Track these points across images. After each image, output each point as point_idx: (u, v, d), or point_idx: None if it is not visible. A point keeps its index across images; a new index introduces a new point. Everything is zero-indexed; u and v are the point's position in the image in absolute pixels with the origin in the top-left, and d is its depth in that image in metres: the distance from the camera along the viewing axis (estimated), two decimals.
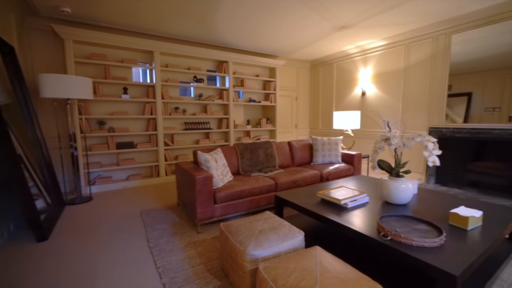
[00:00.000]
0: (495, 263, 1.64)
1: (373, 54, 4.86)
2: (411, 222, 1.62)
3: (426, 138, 1.81)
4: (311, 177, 3.10)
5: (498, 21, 3.27)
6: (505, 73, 3.27)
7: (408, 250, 1.31)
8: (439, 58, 3.90)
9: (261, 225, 1.70)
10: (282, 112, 6.01)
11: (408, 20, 3.73)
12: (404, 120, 4.43)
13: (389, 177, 2.01)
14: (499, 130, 3.31)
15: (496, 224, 1.60)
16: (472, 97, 3.60)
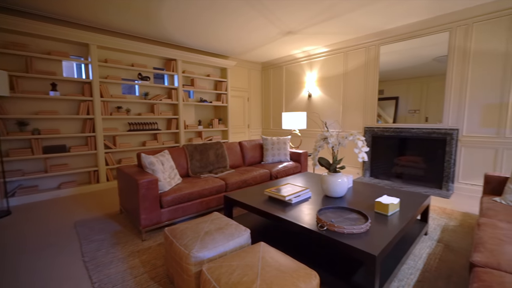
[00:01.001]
0: (409, 241, 1.94)
1: (318, 59, 5.24)
2: (344, 212, 1.80)
3: (356, 137, 2.04)
4: (261, 176, 3.20)
5: (417, 37, 3.86)
6: (423, 81, 3.87)
7: (340, 238, 1.46)
8: (371, 66, 4.42)
9: (208, 226, 1.69)
10: (234, 112, 6.04)
11: (344, 30, 4.13)
12: (344, 120, 4.90)
13: (328, 173, 2.20)
14: (416, 129, 3.91)
15: (410, 208, 1.90)
16: (399, 101, 4.17)
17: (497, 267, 1.15)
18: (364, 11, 3.40)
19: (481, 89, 3.36)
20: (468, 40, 3.42)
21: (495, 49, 3.23)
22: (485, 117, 3.35)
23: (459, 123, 3.57)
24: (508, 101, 3.16)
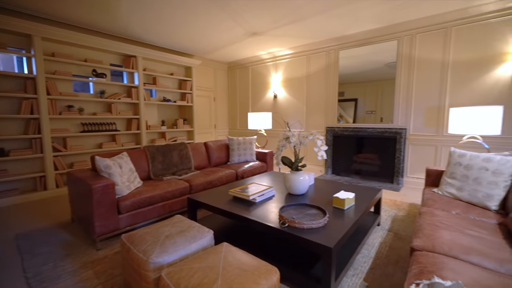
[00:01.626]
0: (364, 232, 2.10)
1: (282, 61, 5.39)
2: (305, 208, 1.88)
3: (316, 136, 2.14)
4: (227, 176, 3.18)
5: (371, 43, 4.18)
6: (378, 84, 4.20)
7: (300, 233, 1.52)
8: (331, 69, 4.68)
9: (169, 230, 1.63)
10: (200, 112, 5.92)
11: (307, 34, 4.31)
12: (307, 120, 5.10)
13: (291, 171, 2.27)
14: (371, 129, 4.24)
15: (364, 202, 2.05)
16: (358, 102, 4.48)
17: (432, 249, 1.30)
18: (324, 17, 3.59)
19: (424, 94, 3.77)
20: (412, 49, 3.81)
21: (434, 58, 3.65)
22: (427, 118, 3.77)
23: (406, 123, 3.96)
24: (445, 105, 3.60)
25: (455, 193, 2.07)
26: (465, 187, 2.01)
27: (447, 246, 1.29)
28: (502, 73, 3.21)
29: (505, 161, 1.87)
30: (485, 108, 2.55)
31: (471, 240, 1.37)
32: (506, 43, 3.17)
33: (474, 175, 1.98)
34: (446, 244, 1.31)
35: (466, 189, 2.00)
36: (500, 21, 3.18)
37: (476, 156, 2.04)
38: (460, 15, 3.38)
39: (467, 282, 0.99)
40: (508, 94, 3.19)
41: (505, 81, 3.20)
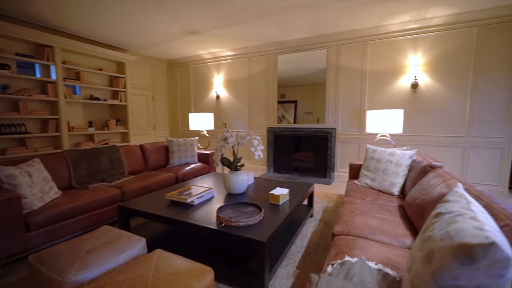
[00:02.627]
0: (298, 224, 2.28)
1: (224, 62, 5.40)
2: (242, 207, 1.94)
3: (253, 137, 2.23)
4: (166, 180, 3.03)
5: (305, 50, 4.54)
6: (314, 88, 4.58)
7: (236, 231, 1.56)
8: (271, 72, 4.91)
9: (92, 243, 1.47)
10: (136, 112, 5.46)
11: (247, 37, 4.42)
12: (250, 121, 5.24)
13: (230, 171, 2.30)
14: (307, 129, 4.61)
15: (297, 196, 2.23)
16: (297, 104, 4.81)
17: (348, 233, 1.51)
18: (263, 22, 3.74)
19: (348, 97, 4.30)
20: (339, 57, 4.30)
21: (355, 67, 4.20)
22: (352, 119, 4.31)
23: (336, 123, 4.44)
24: (364, 108, 4.18)
25: (370, 183, 2.43)
26: (376, 177, 2.38)
27: (359, 229, 1.51)
28: (404, 82, 3.91)
29: (403, 154, 2.29)
30: (391, 111, 3.06)
31: (377, 221, 1.63)
32: (406, 58, 3.87)
33: (383, 167, 2.36)
34: (359, 227, 1.53)
35: (377, 179, 2.37)
36: (402, 39, 3.86)
37: (384, 151, 2.43)
38: (373, 31, 3.97)
39: (370, 256, 1.18)
40: (407, 100, 3.89)
41: (406, 89, 3.90)
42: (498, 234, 0.65)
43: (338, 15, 3.48)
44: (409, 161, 2.24)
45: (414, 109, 3.87)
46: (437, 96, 3.73)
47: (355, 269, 1.02)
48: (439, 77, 3.70)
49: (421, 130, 3.86)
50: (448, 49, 3.62)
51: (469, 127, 3.59)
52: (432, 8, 3.27)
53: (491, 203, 1.01)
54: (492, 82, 3.43)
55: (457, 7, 3.26)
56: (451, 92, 3.65)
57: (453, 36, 3.58)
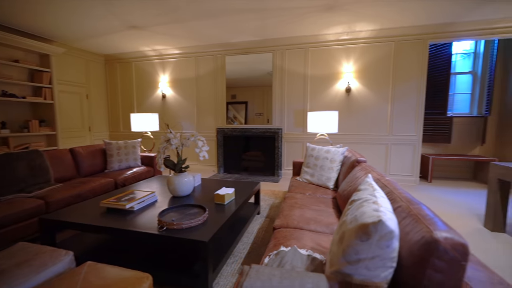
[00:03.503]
0: (244, 222, 2.34)
1: (170, 60, 5.18)
2: (187, 209, 1.91)
3: (197, 138, 2.21)
4: (103, 186, 2.77)
5: (253, 53, 4.66)
6: (264, 90, 4.73)
7: (179, 234, 1.53)
8: (219, 73, 4.91)
9: (5, 263, 1.26)
10: (67, 112, 4.83)
11: (193, 36, 4.33)
12: (198, 122, 5.14)
13: (174, 174, 2.24)
14: (255, 129, 4.75)
15: (243, 195, 2.29)
16: (248, 105, 4.89)
17: (287, 226, 1.62)
18: (207, 23, 3.72)
19: (293, 99, 4.58)
20: (284, 61, 4.55)
21: (298, 71, 4.50)
22: (296, 119, 4.61)
23: (282, 124, 4.68)
24: (307, 109, 4.51)
25: (309, 178, 2.64)
26: (315, 173, 2.61)
27: (296, 221, 1.65)
28: (339, 87, 4.35)
29: (336, 151, 2.56)
30: (328, 112, 3.39)
31: (313, 213, 1.79)
32: (341, 65, 4.32)
33: (320, 164, 2.59)
34: (296, 219, 1.67)
35: (316, 175, 2.60)
36: (337, 48, 4.30)
37: (321, 149, 2.68)
38: (313, 39, 4.32)
39: (303, 244, 1.30)
40: (342, 103, 4.35)
41: (341, 93, 4.35)
42: (388, 213, 0.80)
43: (279, 21, 3.68)
44: (341, 157, 2.52)
45: (348, 111, 4.35)
46: (366, 100, 4.26)
47: (287, 257, 1.11)
48: (367, 83, 4.23)
49: (354, 129, 4.36)
50: (373, 59, 4.17)
51: (390, 127, 4.20)
52: (359, 22, 3.72)
53: (393, 190, 1.22)
54: (406, 89, 4.08)
55: (378, 24, 3.78)
56: (376, 96, 4.21)
57: (376, 48, 4.14)
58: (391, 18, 3.57)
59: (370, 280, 0.78)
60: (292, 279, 0.77)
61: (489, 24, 3.64)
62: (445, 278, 0.72)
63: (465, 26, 3.72)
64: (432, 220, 0.84)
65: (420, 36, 3.92)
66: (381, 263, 0.76)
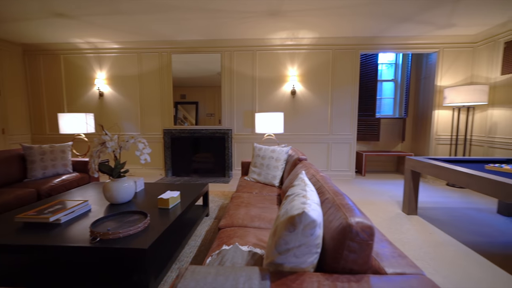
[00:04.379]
0: (192, 225, 2.29)
1: (108, 55, 4.72)
2: (126, 216, 1.77)
3: (138, 140, 2.07)
4: (20, 198, 2.37)
5: (201, 52, 4.56)
6: (215, 90, 4.65)
7: (116, 244, 1.41)
8: (165, 71, 4.68)
9: None
10: None
11: (135, 31, 4.03)
12: (143, 123, 4.80)
13: (111, 179, 2.05)
14: (205, 130, 4.67)
15: (189, 198, 2.23)
16: (199, 105, 4.75)
17: (231, 225, 1.65)
18: (150, 18, 3.51)
19: (242, 100, 4.65)
20: (232, 63, 4.59)
21: (246, 73, 4.59)
22: (245, 120, 4.69)
23: (232, 125, 4.71)
24: (256, 110, 4.64)
25: (257, 177, 2.73)
26: (262, 172, 2.71)
27: (241, 219, 1.69)
28: (286, 89, 4.59)
29: (281, 150, 2.70)
30: (274, 114, 3.54)
31: (258, 210, 1.86)
32: (287, 69, 4.56)
33: (267, 163, 2.70)
34: (241, 218, 1.71)
35: (262, 174, 2.70)
36: (283, 53, 4.53)
37: (267, 148, 2.79)
38: (260, 43, 4.46)
39: (246, 241, 1.35)
40: (288, 104, 4.61)
41: (287, 95, 4.60)
42: (313, 205, 0.90)
43: (226, 22, 3.71)
44: (285, 156, 2.67)
45: (294, 112, 4.62)
46: (309, 102, 4.59)
47: (228, 255, 1.14)
48: (310, 87, 4.56)
49: (299, 130, 4.65)
50: (315, 65, 4.52)
51: (330, 127, 4.61)
52: (301, 30, 4.00)
53: (324, 184, 1.36)
54: (343, 93, 4.54)
55: (318, 32, 4.12)
56: (318, 99, 4.58)
57: (317, 55, 4.50)
58: (327, 28, 3.93)
59: (299, 266, 0.85)
60: (226, 274, 0.80)
61: (404, 40, 4.31)
62: (357, 256, 0.84)
63: (387, 40, 4.33)
64: (350, 208, 0.96)
65: (353, 46, 4.42)
66: (307, 250, 0.84)
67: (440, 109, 4.42)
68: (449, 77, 4.37)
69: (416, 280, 0.81)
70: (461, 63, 4.33)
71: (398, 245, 2.19)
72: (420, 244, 2.21)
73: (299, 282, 0.79)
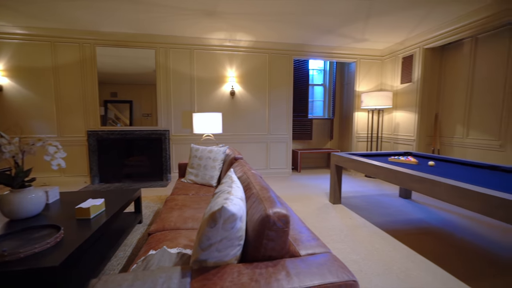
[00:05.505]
0: (120, 234, 2.10)
1: (10, 41, 3.91)
2: (32, 232, 1.51)
3: (47, 142, 1.79)
4: None
5: (131, 46, 4.18)
6: (152, 88, 4.32)
7: (15, 266, 1.19)
8: (88, 65, 4.14)
9: None
10: None
11: (46, 16, 3.45)
12: (60, 124, 4.15)
13: (12, 191, 1.72)
14: (139, 131, 4.32)
15: (116, 205, 2.04)
16: (134, 105, 4.33)
17: (163, 229, 1.58)
18: (71, 3, 3.06)
19: (180, 100, 4.48)
20: (168, 60, 4.37)
21: (184, 72, 4.44)
22: (184, 121, 4.53)
23: (169, 125, 4.49)
24: (195, 110, 4.53)
25: (194, 179, 2.67)
26: (199, 173, 2.67)
27: (173, 222, 1.63)
28: (225, 90, 4.62)
29: (218, 150, 2.71)
30: (212, 114, 3.53)
31: (192, 211, 1.83)
32: (226, 70, 4.59)
33: (204, 163, 2.67)
34: (173, 220, 1.65)
35: (200, 175, 2.66)
36: (221, 53, 4.54)
37: (204, 149, 2.76)
38: (198, 42, 4.38)
39: (176, 243, 1.31)
40: (228, 105, 4.65)
41: (227, 96, 4.64)
42: (235, 200, 0.94)
43: (159, 17, 3.52)
44: (223, 156, 2.69)
45: (234, 113, 4.69)
46: (249, 104, 4.73)
47: (154, 260, 1.09)
48: (249, 88, 4.70)
49: (240, 130, 4.74)
50: (253, 67, 4.68)
51: (268, 127, 4.85)
52: (238, 32, 4.09)
53: (253, 180, 1.43)
54: (279, 95, 4.82)
55: (254, 36, 4.28)
56: (257, 101, 4.75)
57: (255, 58, 4.67)
58: (263, 33, 4.12)
59: (222, 260, 0.88)
60: (145, 278, 0.77)
61: (329, 50, 4.85)
62: (275, 243, 0.91)
63: (316, 48, 4.80)
64: (271, 200, 1.04)
65: (286, 51, 4.74)
66: (229, 243, 0.88)
67: (359, 111, 5.14)
68: (365, 84, 5.11)
69: (323, 258, 0.93)
70: (373, 73, 5.12)
71: (324, 231, 2.46)
72: (342, 228, 2.53)
73: (220, 274, 0.82)
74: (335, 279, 0.82)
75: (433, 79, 4.23)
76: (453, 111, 4.01)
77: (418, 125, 4.24)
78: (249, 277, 0.80)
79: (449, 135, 4.07)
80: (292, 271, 0.84)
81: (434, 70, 4.21)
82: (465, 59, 3.80)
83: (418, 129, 4.25)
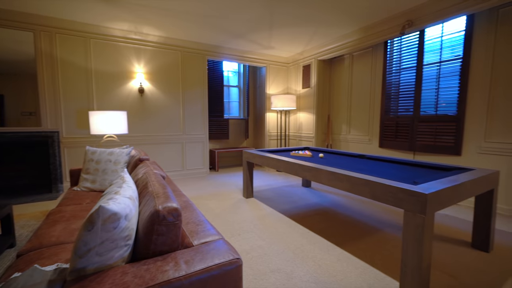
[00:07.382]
0: None
1: None
2: None
3: None
4: None
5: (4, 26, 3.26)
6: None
7: None
8: None
9: None
10: None
11: None
12: None
13: None
14: (11, 134, 3.42)
15: None
16: (5, 100, 3.34)
17: (40, 246, 1.33)
18: None
19: (74, 96, 3.80)
20: (53, 47, 3.63)
21: (78, 63, 3.79)
22: (80, 120, 3.87)
23: (58, 126, 3.74)
24: (94, 108, 3.93)
25: (90, 186, 2.34)
26: (97, 179, 2.35)
27: (55, 237, 1.40)
28: (132, 86, 4.21)
29: (121, 152, 2.46)
30: (114, 112, 3.17)
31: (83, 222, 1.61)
32: (132, 65, 4.18)
33: (103, 167, 2.37)
34: (55, 235, 1.42)
35: (98, 180, 2.35)
36: (126, 46, 4.11)
37: (103, 151, 2.45)
38: (95, 30, 3.82)
39: (58, 259, 1.13)
40: (136, 103, 4.26)
41: (134, 93, 4.24)
42: (120, 199, 0.90)
43: None
44: (126, 158, 2.46)
45: (143, 112, 4.33)
46: (160, 102, 4.46)
47: (19, 282, 0.92)
48: (160, 87, 4.43)
49: (151, 130, 4.42)
50: (164, 64, 4.44)
51: (183, 127, 4.71)
52: (145, 25, 3.80)
53: (154, 179, 1.39)
54: (194, 95, 4.75)
55: (164, 31, 4.08)
56: (170, 100, 4.54)
57: (166, 54, 4.44)
58: (173, 30, 3.97)
59: (105, 264, 0.83)
60: None
61: (242, 53, 5.12)
62: (166, 238, 0.93)
63: (229, 51, 4.97)
64: (166, 196, 1.05)
65: (200, 51, 4.72)
66: (113, 245, 0.84)
67: (270, 112, 5.63)
68: (274, 87, 5.64)
69: (215, 244, 1.00)
70: (281, 77, 5.71)
71: (236, 223, 2.60)
72: (252, 219, 2.73)
73: (100, 279, 0.77)
74: (221, 260, 0.90)
75: (325, 85, 5.08)
76: (340, 113, 4.93)
77: (316, 124, 5.00)
78: (133, 275, 0.79)
79: (338, 132, 4.98)
80: (181, 260, 0.88)
81: (326, 78, 5.06)
82: (346, 70, 4.74)
83: (316, 127, 5.01)
